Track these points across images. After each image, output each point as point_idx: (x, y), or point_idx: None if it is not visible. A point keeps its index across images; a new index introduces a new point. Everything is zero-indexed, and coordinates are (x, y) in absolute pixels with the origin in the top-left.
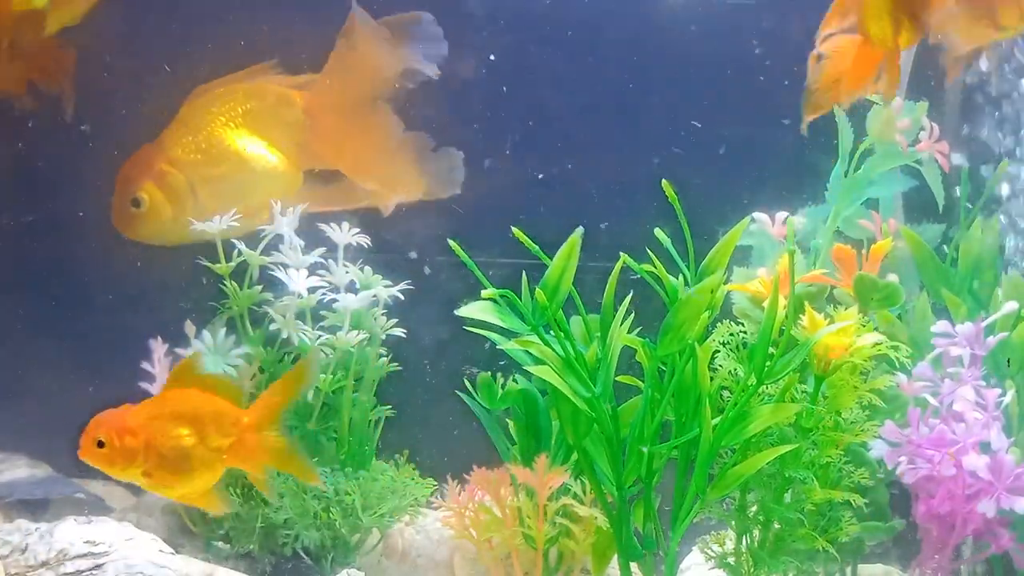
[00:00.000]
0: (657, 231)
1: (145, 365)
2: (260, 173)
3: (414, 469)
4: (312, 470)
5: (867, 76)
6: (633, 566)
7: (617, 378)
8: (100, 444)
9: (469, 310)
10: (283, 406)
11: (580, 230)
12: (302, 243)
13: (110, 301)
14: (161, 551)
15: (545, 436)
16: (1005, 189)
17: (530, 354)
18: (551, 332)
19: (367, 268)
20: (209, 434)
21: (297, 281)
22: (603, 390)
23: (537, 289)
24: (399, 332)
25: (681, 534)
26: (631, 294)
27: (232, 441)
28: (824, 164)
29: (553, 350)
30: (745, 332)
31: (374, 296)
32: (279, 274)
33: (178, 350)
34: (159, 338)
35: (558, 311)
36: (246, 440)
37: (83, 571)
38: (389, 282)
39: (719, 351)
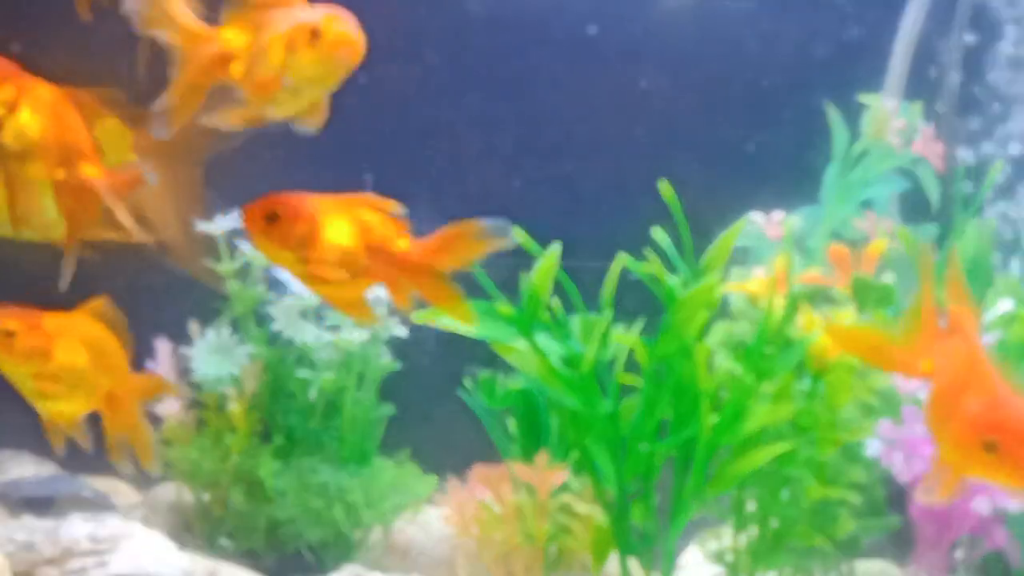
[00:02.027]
0: (655, 230)
1: (150, 364)
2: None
3: (416, 467)
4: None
5: None
6: (632, 562)
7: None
8: (10, 333)
9: (449, 320)
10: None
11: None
12: None
13: (114, 299)
14: (166, 548)
15: (545, 434)
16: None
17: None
18: (542, 334)
19: None
20: (96, 373)
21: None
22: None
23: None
24: (401, 331)
25: (679, 531)
26: (630, 294)
27: (105, 394)
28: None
29: (544, 353)
30: (744, 332)
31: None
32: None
33: (183, 350)
34: (165, 337)
35: (542, 314)
36: (120, 403)
37: (88, 568)
38: None
39: (717, 350)
